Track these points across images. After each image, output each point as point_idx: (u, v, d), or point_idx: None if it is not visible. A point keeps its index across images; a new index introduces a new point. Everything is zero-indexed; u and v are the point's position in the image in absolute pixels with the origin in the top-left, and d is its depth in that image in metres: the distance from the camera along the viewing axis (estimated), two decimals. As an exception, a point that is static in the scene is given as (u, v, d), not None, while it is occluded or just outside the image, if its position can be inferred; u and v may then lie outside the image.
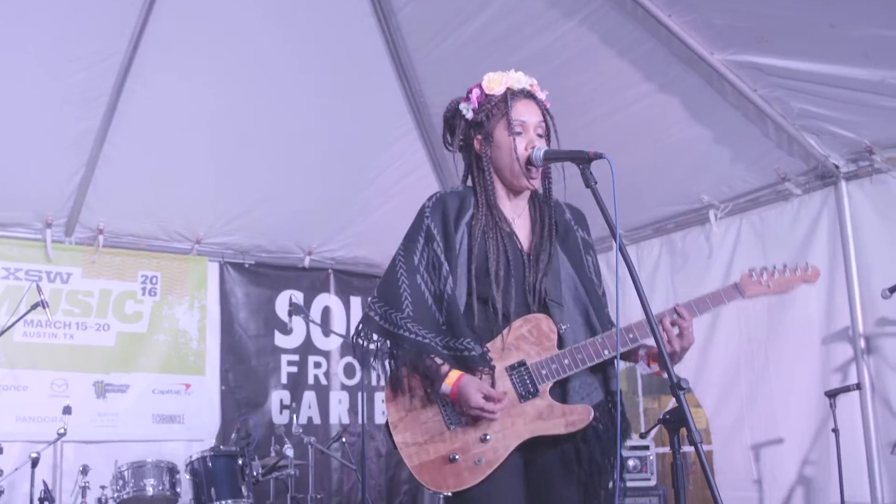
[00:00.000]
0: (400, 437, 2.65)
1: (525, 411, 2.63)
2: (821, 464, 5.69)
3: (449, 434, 2.61)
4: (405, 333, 2.64)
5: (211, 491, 5.23)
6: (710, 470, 2.19)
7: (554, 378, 2.65)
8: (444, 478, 2.58)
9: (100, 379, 6.47)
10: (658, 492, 5.77)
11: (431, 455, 2.61)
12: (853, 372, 5.58)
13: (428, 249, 2.73)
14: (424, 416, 2.65)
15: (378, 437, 7.55)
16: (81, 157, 5.95)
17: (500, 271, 2.72)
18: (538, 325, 2.71)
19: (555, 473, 2.69)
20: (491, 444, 2.59)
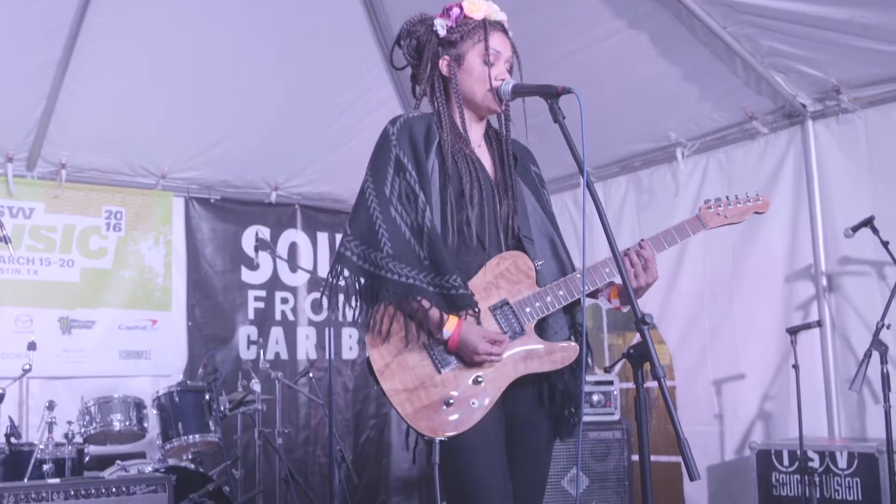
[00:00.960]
0: (388, 385, 2.56)
1: (514, 351, 2.61)
2: (780, 399, 5.80)
3: (440, 378, 2.56)
4: (389, 275, 2.55)
5: (178, 426, 5.24)
6: (673, 404, 2.22)
7: (538, 316, 2.65)
8: (442, 423, 2.51)
9: (65, 315, 6.43)
10: (621, 426, 5.86)
11: (425, 401, 2.54)
12: (814, 309, 5.67)
13: (399, 179, 2.64)
14: (412, 360, 2.58)
15: (345, 373, 7.59)
16: (42, 90, 5.83)
17: (474, 196, 2.68)
18: (516, 263, 2.69)
19: (528, 409, 2.70)
20: (483, 385, 2.56)
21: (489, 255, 2.69)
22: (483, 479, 2.54)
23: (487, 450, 2.57)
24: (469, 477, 2.54)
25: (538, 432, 2.73)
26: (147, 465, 4.94)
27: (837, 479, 4.96)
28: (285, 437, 6.27)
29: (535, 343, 2.64)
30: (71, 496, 4.05)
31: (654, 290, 6.66)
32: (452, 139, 2.72)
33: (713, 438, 6.19)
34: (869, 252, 5.31)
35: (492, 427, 2.58)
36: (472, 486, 2.54)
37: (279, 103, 6.56)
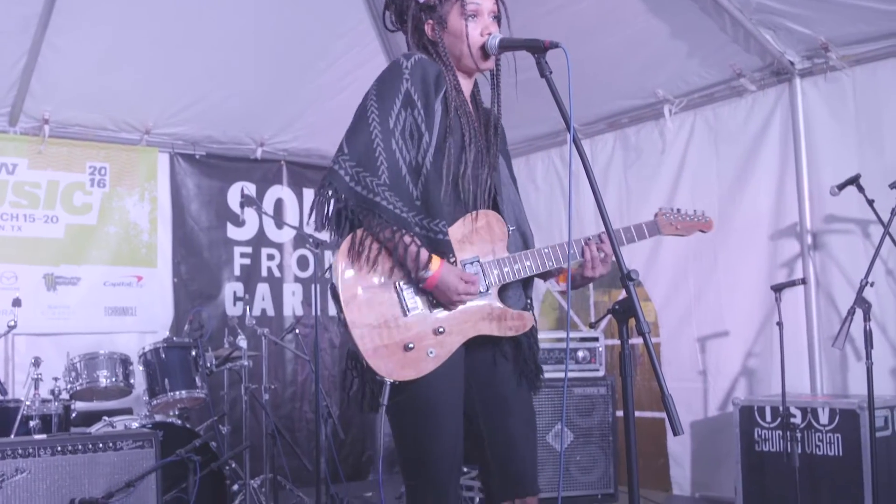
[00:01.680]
0: (351, 317, 2.51)
1: (475, 310, 2.62)
2: (764, 356, 5.86)
3: (405, 321, 2.54)
4: (383, 203, 2.50)
5: (165, 382, 5.25)
6: (658, 361, 2.23)
7: (505, 281, 2.66)
8: (398, 366, 2.51)
9: (50, 271, 6.41)
10: (606, 382, 5.90)
11: (386, 340, 2.51)
12: (799, 267, 5.70)
13: (406, 114, 2.58)
14: (380, 297, 2.54)
15: (332, 329, 7.61)
16: (23, 45, 5.74)
17: (471, 153, 2.67)
18: (490, 223, 2.70)
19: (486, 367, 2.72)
20: (443, 337, 2.56)
21: (466, 209, 2.68)
22: (438, 433, 2.57)
23: (445, 405, 2.58)
24: (426, 430, 2.56)
25: (503, 382, 2.73)
26: (134, 421, 4.95)
27: (819, 434, 5.02)
28: (272, 393, 6.29)
29: (496, 306, 2.66)
30: (58, 452, 4.06)
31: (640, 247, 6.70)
32: (455, 95, 2.70)
33: (697, 395, 6.25)
34: (854, 210, 5.33)
35: (452, 383, 2.59)
36: (427, 439, 2.56)
37: (264, 58, 6.49)
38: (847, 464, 4.87)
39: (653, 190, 6.42)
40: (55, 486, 4.04)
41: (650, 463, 6.55)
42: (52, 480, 4.03)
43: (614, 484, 5.85)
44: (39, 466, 4.02)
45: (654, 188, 6.44)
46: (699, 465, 6.30)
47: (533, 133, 7.25)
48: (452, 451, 2.59)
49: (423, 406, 2.55)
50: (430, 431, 2.55)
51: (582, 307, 7.37)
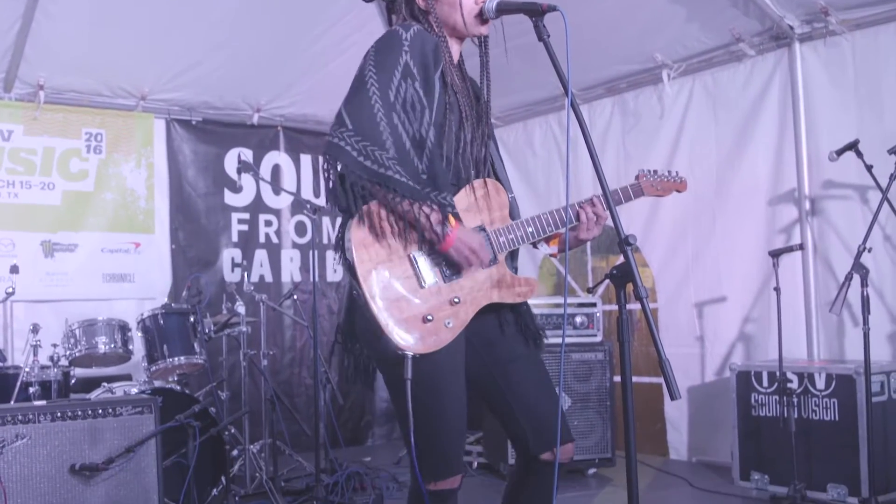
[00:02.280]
0: (369, 291, 2.49)
1: (486, 278, 2.63)
2: (761, 321, 5.87)
3: (422, 293, 2.53)
4: (396, 176, 2.45)
5: (163, 348, 5.26)
6: (655, 326, 2.24)
7: (511, 248, 2.67)
8: (417, 338, 2.49)
9: (47, 238, 6.40)
10: (604, 347, 5.92)
11: (405, 313, 2.50)
12: (797, 233, 5.70)
13: (406, 86, 2.52)
14: (396, 270, 2.53)
15: (330, 295, 7.62)
16: (17, 9, 5.68)
17: (465, 130, 2.65)
18: (492, 192, 2.70)
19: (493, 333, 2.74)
20: (459, 307, 2.56)
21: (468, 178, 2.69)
22: (445, 404, 2.57)
23: (452, 375, 2.59)
24: (435, 400, 2.55)
25: (512, 344, 2.75)
26: (133, 387, 4.96)
27: (815, 399, 5.04)
28: (270, 359, 6.31)
29: (504, 274, 2.67)
30: (57, 418, 4.08)
31: (638, 213, 6.73)
32: (451, 70, 2.68)
33: (694, 360, 6.28)
34: (853, 176, 5.32)
35: (456, 353, 2.60)
36: (435, 409, 2.56)
37: (261, 23, 6.43)
38: (843, 429, 4.91)
39: (651, 155, 6.41)
40: (55, 451, 4.05)
41: (647, 428, 6.59)
42: (52, 446, 4.05)
43: (612, 448, 5.89)
44: (39, 432, 4.03)
45: (652, 153, 6.42)
46: (696, 430, 6.34)
47: (530, 98, 7.22)
48: (458, 421, 2.61)
49: (429, 378, 2.54)
50: (437, 402, 2.56)
51: (580, 273, 7.38)
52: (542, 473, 2.71)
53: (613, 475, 5.94)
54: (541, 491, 2.74)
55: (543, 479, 2.72)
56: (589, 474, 5.99)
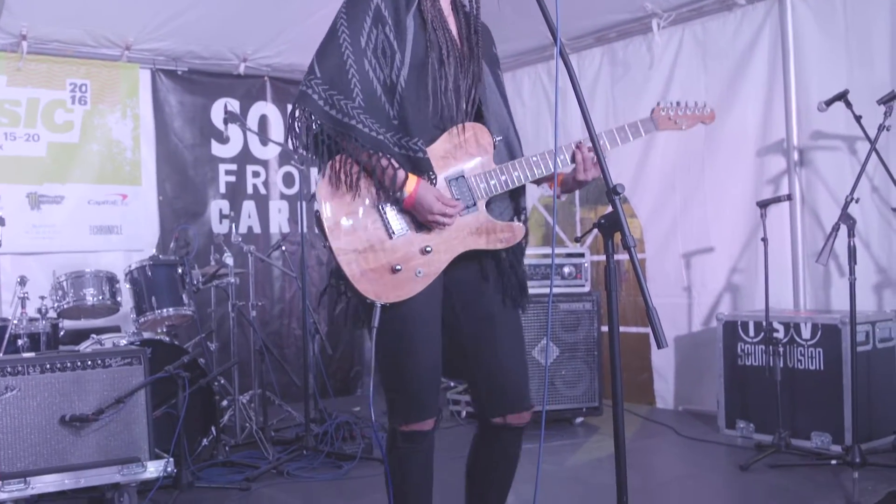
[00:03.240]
0: (337, 244, 2.53)
1: (466, 224, 2.61)
2: (749, 271, 5.90)
3: (391, 244, 2.54)
4: (359, 126, 2.47)
5: (152, 300, 5.25)
6: (643, 276, 2.24)
7: (492, 193, 2.63)
8: (386, 288, 2.52)
9: (33, 190, 6.36)
10: (591, 297, 5.94)
11: (372, 264, 2.52)
12: (785, 183, 5.71)
13: (377, 32, 2.53)
14: (364, 221, 2.54)
15: (318, 246, 7.61)
16: (-2, -43, 5.61)
17: (451, 66, 2.61)
18: (476, 136, 2.65)
19: (474, 282, 2.71)
20: (431, 256, 2.56)
21: (450, 123, 2.64)
22: (418, 347, 2.59)
23: (424, 322, 2.60)
24: (407, 344, 2.57)
25: (489, 300, 2.72)
26: (122, 339, 4.96)
27: (801, 349, 5.09)
28: (260, 310, 6.32)
29: (484, 220, 2.64)
30: (47, 370, 4.08)
31: (626, 163, 6.72)
32: (430, 6, 2.63)
33: (681, 310, 6.31)
34: (841, 127, 5.32)
35: (431, 300, 2.60)
36: (408, 353, 2.58)
37: (245, -29, 6.34)
38: (827, 378, 4.96)
39: (640, 105, 6.37)
40: (45, 403, 4.07)
41: (634, 377, 6.65)
42: (42, 398, 4.06)
43: (599, 397, 5.95)
44: (29, 384, 4.04)
45: (641, 104, 6.39)
46: (682, 379, 6.40)
47: (519, 48, 7.16)
48: (430, 367, 2.62)
49: (400, 325, 2.56)
50: (408, 348, 2.58)
51: (568, 223, 7.39)
52: (496, 436, 2.73)
53: (600, 424, 6.00)
54: (495, 451, 2.77)
55: (498, 440, 2.75)
56: (576, 423, 6.04)
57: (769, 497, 4.27)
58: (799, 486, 4.40)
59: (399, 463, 2.67)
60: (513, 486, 4.31)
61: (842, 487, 4.31)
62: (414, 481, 2.64)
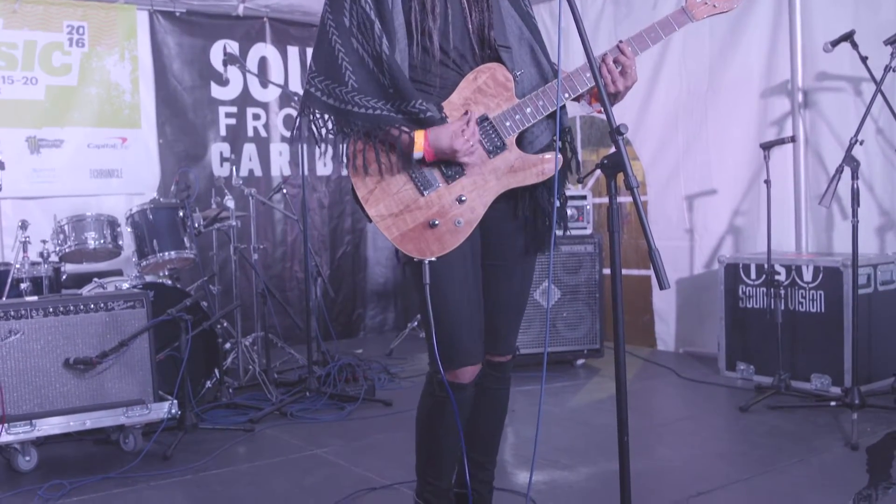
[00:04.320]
0: (374, 211, 2.57)
1: (497, 167, 2.59)
2: (751, 214, 5.89)
3: (424, 201, 2.55)
4: (356, 109, 2.51)
5: (153, 243, 5.25)
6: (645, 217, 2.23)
7: (518, 129, 2.59)
8: (428, 244, 2.54)
9: (32, 134, 6.32)
10: (593, 240, 5.94)
11: (410, 224, 2.55)
12: (789, 125, 5.68)
13: (357, 7, 2.52)
14: (395, 185, 2.57)
15: (320, 189, 7.59)
16: None
17: (436, 6, 2.56)
18: (493, 75, 2.60)
19: (503, 223, 2.69)
20: (467, 204, 2.56)
21: (466, 69, 2.61)
22: (455, 296, 2.60)
23: (461, 266, 2.60)
24: (444, 293, 2.57)
25: (514, 247, 2.73)
26: (124, 282, 4.97)
27: (802, 291, 5.10)
28: (262, 254, 6.33)
29: (516, 157, 2.61)
30: (50, 313, 4.09)
31: (629, 106, 6.68)
32: None
33: (683, 253, 6.32)
34: (847, 68, 5.27)
35: (468, 243, 2.60)
36: (446, 301, 2.58)
37: None
38: (828, 320, 4.97)
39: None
40: (49, 346, 4.09)
41: (635, 319, 6.67)
42: (45, 341, 4.08)
43: (600, 340, 5.97)
44: (32, 327, 4.06)
45: (644, 45, 6.32)
46: (683, 322, 6.42)
47: (522, -12, 7.05)
48: (471, 313, 2.63)
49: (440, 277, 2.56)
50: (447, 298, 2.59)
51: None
52: (485, 373, 2.75)
53: (601, 366, 6.04)
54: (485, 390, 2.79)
55: (486, 378, 2.76)
56: (577, 365, 6.08)
57: (768, 438, 4.30)
58: (798, 427, 4.43)
59: (430, 411, 2.71)
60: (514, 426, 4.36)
61: (840, 429, 4.35)
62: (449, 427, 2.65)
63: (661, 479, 3.75)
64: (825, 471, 3.79)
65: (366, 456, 4.21)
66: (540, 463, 3.87)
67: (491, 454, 2.92)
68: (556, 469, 3.89)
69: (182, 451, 4.27)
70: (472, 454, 2.83)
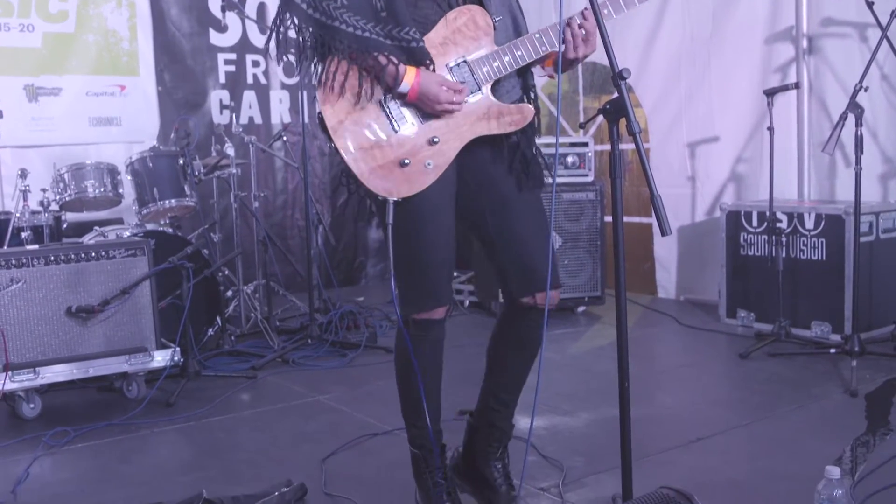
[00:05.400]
0: (342, 143, 2.49)
1: (469, 111, 2.53)
2: (753, 161, 5.87)
3: (396, 138, 2.49)
4: (342, 26, 2.42)
5: (153, 191, 5.23)
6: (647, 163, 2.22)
7: (496, 76, 2.54)
8: (396, 183, 2.48)
9: (30, 82, 6.27)
10: (595, 187, 5.92)
11: (379, 160, 2.48)
12: (793, 71, 5.63)
13: None
14: (366, 118, 2.49)
15: (321, 137, 7.55)
16: None
17: None
18: (474, 18, 2.55)
19: (486, 167, 2.65)
20: (439, 146, 2.51)
21: (446, 7, 2.55)
22: (429, 242, 2.57)
23: (435, 212, 2.56)
24: (416, 235, 2.55)
25: (503, 184, 2.66)
26: (125, 231, 4.96)
27: (804, 239, 5.09)
28: (263, 202, 6.31)
29: (491, 104, 2.57)
30: (51, 262, 4.09)
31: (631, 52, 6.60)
32: None
33: (685, 200, 6.31)
34: (852, 13, 5.21)
35: (443, 190, 2.56)
36: (417, 244, 2.56)
37: None
38: (830, 268, 4.98)
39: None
40: (51, 294, 4.09)
41: (637, 267, 6.68)
42: (47, 290, 4.09)
43: (601, 287, 5.98)
44: (34, 276, 4.06)
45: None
46: (685, 269, 6.43)
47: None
48: (442, 257, 2.60)
49: (412, 217, 2.52)
50: (420, 239, 2.55)
51: (571, 112, 7.31)
52: (524, 316, 2.70)
53: (602, 313, 6.05)
54: (520, 332, 2.75)
55: (524, 321, 2.71)
56: (578, 312, 6.10)
57: (768, 385, 4.33)
58: (797, 374, 4.46)
59: (404, 354, 2.67)
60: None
61: (840, 376, 4.37)
62: (422, 367, 2.65)
63: (660, 425, 3.77)
64: (824, 417, 3.81)
65: (367, 402, 4.24)
66: (541, 409, 3.90)
67: (516, 393, 2.87)
68: (556, 415, 3.92)
69: (185, 399, 4.30)
70: (500, 392, 2.84)
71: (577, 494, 3.04)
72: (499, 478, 2.86)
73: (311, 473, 3.26)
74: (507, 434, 2.89)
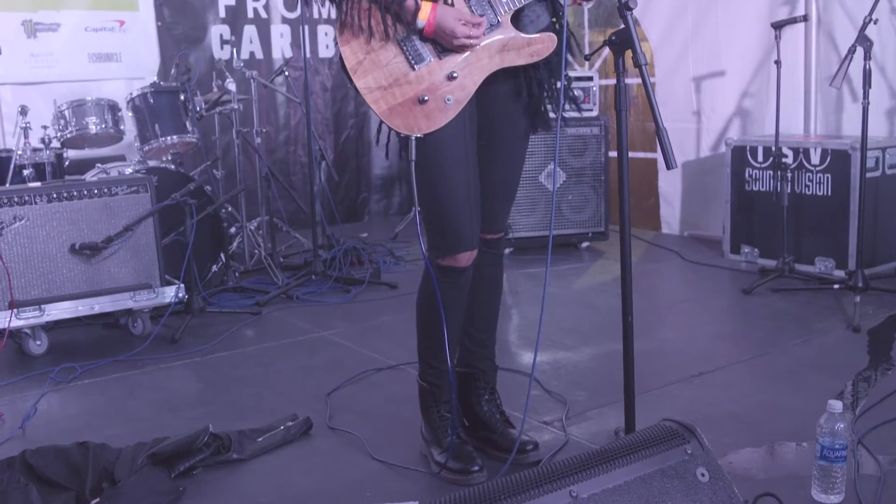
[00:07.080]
0: (362, 83, 2.49)
1: (489, 44, 2.51)
2: (759, 96, 5.81)
3: (414, 75, 2.48)
4: None
5: (155, 127, 5.20)
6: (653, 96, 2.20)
7: (517, 6, 2.51)
8: (416, 120, 2.48)
9: (28, 17, 6.18)
10: (599, 122, 5.88)
11: (399, 98, 2.48)
12: (801, 4, 5.54)
13: None
14: (385, 57, 2.48)
15: (323, 72, 7.48)
16: None
17: None
18: None
19: (504, 103, 2.64)
20: (458, 81, 2.49)
21: None
22: (452, 177, 2.56)
23: (457, 147, 2.55)
24: (439, 175, 2.54)
25: (515, 126, 2.69)
26: (127, 167, 4.94)
27: (809, 174, 5.07)
28: (265, 137, 6.28)
29: (512, 35, 2.53)
30: (53, 199, 4.08)
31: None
32: None
33: (690, 135, 6.26)
34: (863, -58, 5.11)
35: (464, 124, 2.55)
36: (442, 183, 2.56)
37: None
38: (834, 203, 4.96)
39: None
40: (54, 231, 4.09)
41: (641, 202, 6.66)
42: (50, 227, 4.08)
43: (605, 223, 5.98)
44: (37, 213, 4.05)
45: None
46: (689, 205, 6.41)
47: None
48: (466, 196, 2.59)
49: (433, 154, 2.52)
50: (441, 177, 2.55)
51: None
52: (482, 254, 2.74)
53: (606, 248, 6.05)
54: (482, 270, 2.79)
55: (483, 258, 2.75)
56: (582, 248, 6.09)
57: (771, 320, 4.34)
58: (800, 309, 4.47)
59: (429, 295, 2.67)
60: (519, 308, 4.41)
61: (843, 311, 4.38)
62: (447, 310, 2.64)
63: (663, 360, 3.79)
64: (826, 352, 3.83)
65: (371, 337, 4.26)
66: (544, 344, 3.92)
67: (490, 331, 2.94)
68: (560, 350, 3.93)
69: (190, 335, 4.33)
70: (473, 332, 2.88)
71: (580, 428, 3.07)
72: (493, 415, 2.92)
73: (315, 408, 3.28)
74: (488, 374, 2.95)
